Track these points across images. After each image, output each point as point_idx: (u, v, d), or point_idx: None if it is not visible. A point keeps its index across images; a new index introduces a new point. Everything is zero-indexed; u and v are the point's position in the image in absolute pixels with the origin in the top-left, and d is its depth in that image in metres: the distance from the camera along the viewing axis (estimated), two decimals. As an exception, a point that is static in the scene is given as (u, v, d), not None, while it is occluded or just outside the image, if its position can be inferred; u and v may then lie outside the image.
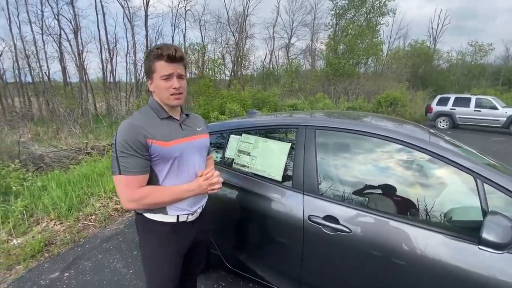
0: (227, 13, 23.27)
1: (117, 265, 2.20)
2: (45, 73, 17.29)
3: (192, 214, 1.12)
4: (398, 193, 1.33)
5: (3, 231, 2.52)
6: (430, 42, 28.26)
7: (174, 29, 22.10)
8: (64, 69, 17.90)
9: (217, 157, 1.87)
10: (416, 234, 1.16)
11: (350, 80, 17.16)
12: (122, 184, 0.93)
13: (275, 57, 26.63)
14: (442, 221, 1.19)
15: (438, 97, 11.57)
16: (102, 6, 18.01)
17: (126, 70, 20.26)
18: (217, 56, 23.28)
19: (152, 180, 1.00)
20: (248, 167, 1.69)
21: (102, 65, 18.75)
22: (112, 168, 0.94)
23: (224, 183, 1.72)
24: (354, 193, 1.38)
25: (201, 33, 23.29)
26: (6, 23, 17.31)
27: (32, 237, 2.53)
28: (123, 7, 18.53)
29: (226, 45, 24.10)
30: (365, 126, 1.45)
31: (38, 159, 4.94)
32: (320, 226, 1.32)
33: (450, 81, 26.71)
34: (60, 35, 17.08)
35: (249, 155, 1.70)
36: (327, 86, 17.78)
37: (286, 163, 1.54)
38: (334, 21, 20.69)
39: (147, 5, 18.78)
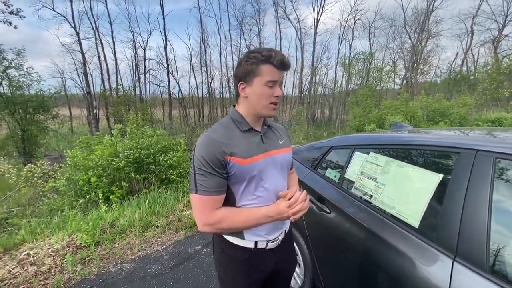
0: (404, 14, 20.43)
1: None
2: (238, 90, 22.96)
3: (273, 242, 0.97)
4: None
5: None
6: None
7: (341, 42, 22.29)
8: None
9: (335, 176, 1.58)
10: None
11: None
12: (197, 204, 0.86)
13: (473, 56, 20.25)
14: None
15: None
16: (280, 31, 21.37)
17: (293, 85, 22.77)
18: (387, 63, 20.99)
19: (229, 201, 0.91)
20: (371, 196, 1.28)
21: (276, 82, 22.38)
22: (190, 186, 0.88)
23: (338, 209, 1.43)
24: None
25: (370, 41, 21.95)
26: (218, 56, 24.35)
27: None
28: (296, 29, 21.03)
29: (399, 50, 21.27)
30: None
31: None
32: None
33: None
34: (249, 60, 22.24)
35: (375, 181, 1.29)
36: None
37: (430, 203, 1.01)
38: None
39: (317, 24, 20.18)
